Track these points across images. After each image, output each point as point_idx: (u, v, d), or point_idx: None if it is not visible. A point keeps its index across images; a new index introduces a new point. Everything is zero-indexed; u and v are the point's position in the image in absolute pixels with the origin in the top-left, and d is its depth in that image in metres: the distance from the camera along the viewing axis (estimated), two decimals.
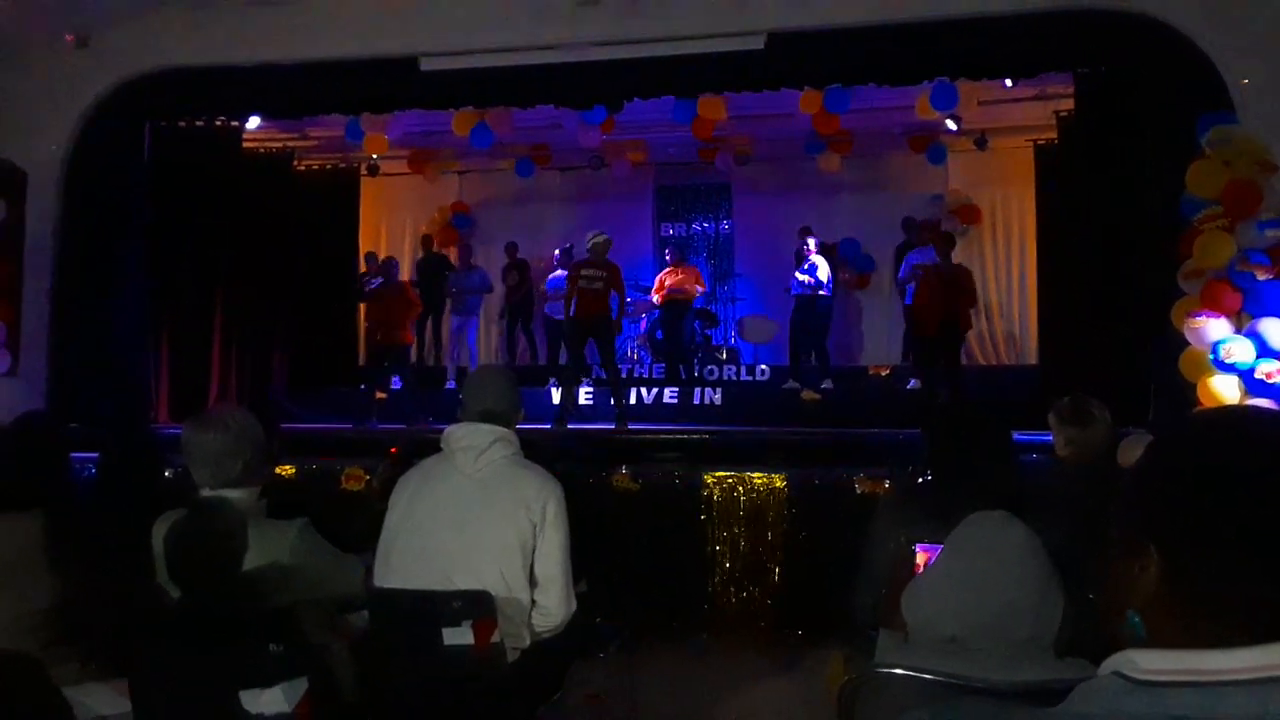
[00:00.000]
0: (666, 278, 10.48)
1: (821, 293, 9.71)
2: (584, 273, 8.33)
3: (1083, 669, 1.77)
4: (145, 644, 2.38)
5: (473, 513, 2.83)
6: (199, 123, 9.27)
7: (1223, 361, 5.88)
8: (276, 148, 10.97)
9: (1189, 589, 0.91)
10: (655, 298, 10.64)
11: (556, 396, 8.87)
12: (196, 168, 9.44)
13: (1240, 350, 5.83)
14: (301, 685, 2.21)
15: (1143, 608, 0.94)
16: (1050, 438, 3.83)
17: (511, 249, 11.73)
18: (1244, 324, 6.00)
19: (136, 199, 8.76)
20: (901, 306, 10.28)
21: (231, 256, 9.96)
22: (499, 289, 11.65)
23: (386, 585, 2.86)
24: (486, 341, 12.37)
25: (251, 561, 2.48)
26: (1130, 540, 0.96)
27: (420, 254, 11.83)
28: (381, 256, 10.46)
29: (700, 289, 10.64)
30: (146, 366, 8.95)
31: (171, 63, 8.14)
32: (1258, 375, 5.80)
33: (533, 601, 2.87)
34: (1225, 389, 5.92)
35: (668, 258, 10.78)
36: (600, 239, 8.44)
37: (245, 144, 10.17)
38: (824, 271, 9.73)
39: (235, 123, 9.68)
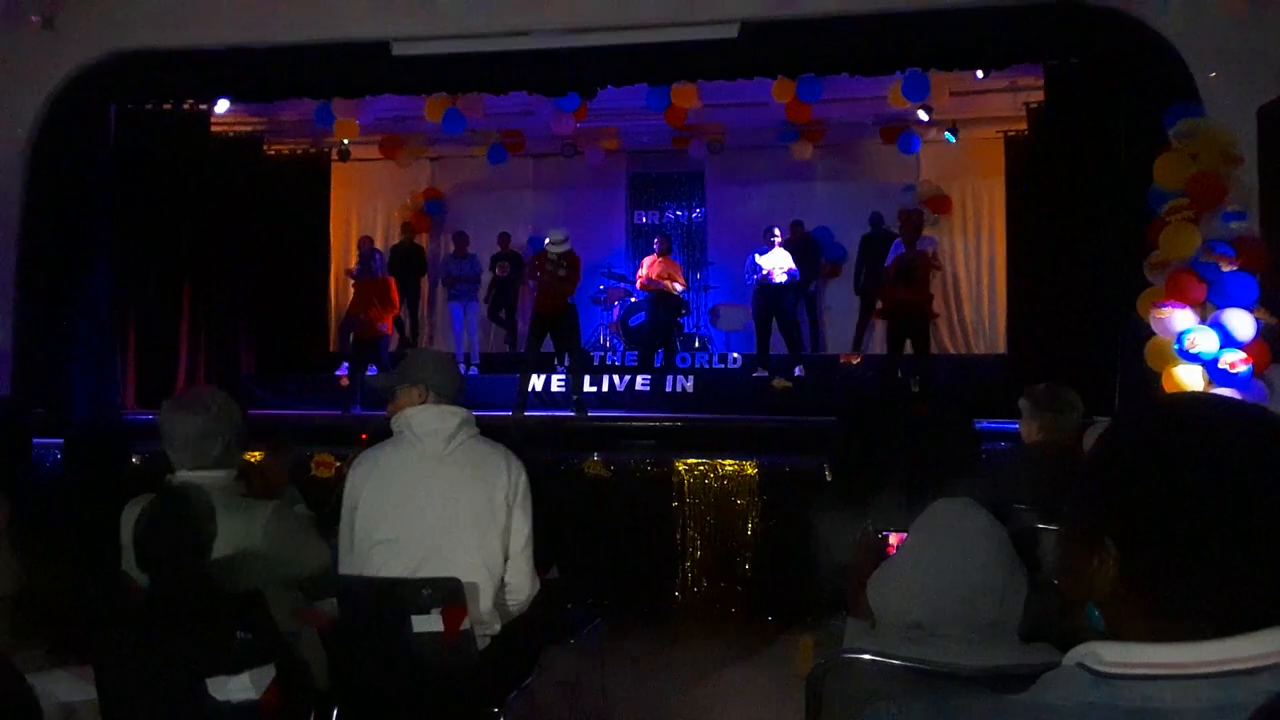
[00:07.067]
0: (652, 266, 10.44)
1: (778, 281, 9.67)
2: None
3: (1048, 653, 1.79)
4: (111, 631, 2.36)
5: (451, 498, 2.83)
6: (166, 106, 9.13)
7: (1187, 351, 5.95)
8: (246, 132, 10.83)
9: (1147, 584, 0.90)
10: (639, 283, 10.61)
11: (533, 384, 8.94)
12: (164, 151, 9.31)
13: (1204, 340, 5.90)
14: (269, 672, 2.20)
15: (1102, 601, 0.93)
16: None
17: (504, 238, 11.68)
18: (1208, 314, 6.07)
19: (103, 183, 8.61)
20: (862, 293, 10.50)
21: (200, 241, 9.85)
22: (486, 277, 11.56)
23: (364, 574, 2.85)
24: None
25: (224, 543, 2.47)
26: (1087, 533, 0.94)
27: (398, 240, 11.71)
28: (357, 243, 10.36)
29: (681, 286, 10.60)
30: (113, 352, 8.83)
31: (138, 45, 8.00)
32: (1221, 365, 5.88)
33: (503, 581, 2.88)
34: (1190, 379, 5.99)
35: (655, 246, 10.73)
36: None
37: (214, 128, 10.03)
38: (778, 261, 9.70)
39: (203, 106, 9.53)
